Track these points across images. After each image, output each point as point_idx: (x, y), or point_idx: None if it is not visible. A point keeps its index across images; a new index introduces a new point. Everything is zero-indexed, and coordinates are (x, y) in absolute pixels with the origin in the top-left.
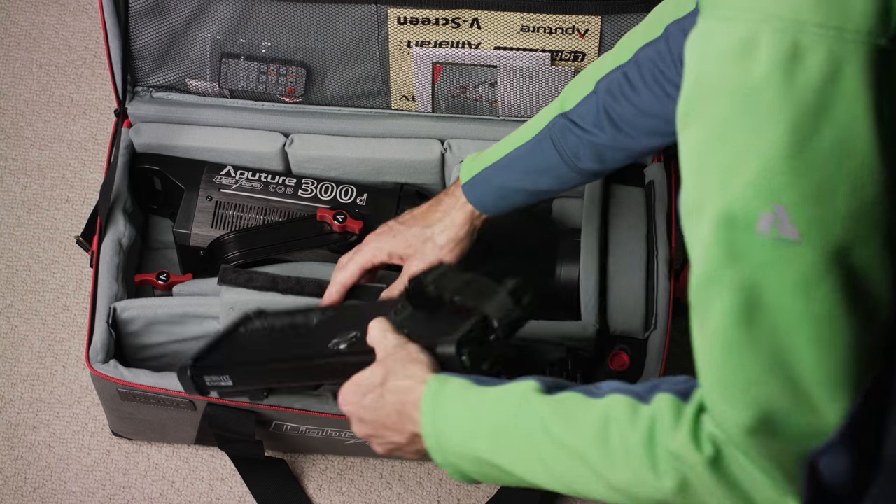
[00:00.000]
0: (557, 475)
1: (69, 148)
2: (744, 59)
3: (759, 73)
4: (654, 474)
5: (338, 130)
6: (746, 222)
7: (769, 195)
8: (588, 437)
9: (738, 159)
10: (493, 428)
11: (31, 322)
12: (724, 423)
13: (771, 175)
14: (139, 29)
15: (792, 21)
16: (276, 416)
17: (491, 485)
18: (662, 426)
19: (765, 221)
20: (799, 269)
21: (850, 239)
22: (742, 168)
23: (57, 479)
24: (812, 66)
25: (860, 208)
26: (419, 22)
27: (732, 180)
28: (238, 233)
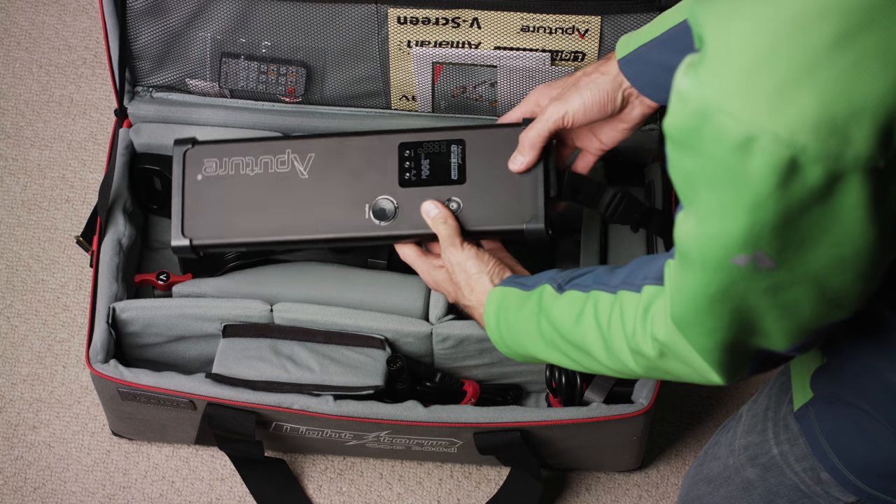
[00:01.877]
0: (575, 362)
1: (69, 148)
2: (739, 153)
3: (754, 172)
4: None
5: (338, 130)
6: (724, 253)
7: (750, 247)
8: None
9: (721, 212)
10: (528, 335)
11: (31, 322)
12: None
13: (756, 236)
14: (139, 29)
15: (789, 143)
16: (276, 416)
17: (490, 485)
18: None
19: (741, 259)
20: (771, 282)
21: (827, 272)
22: (725, 220)
23: (57, 479)
24: (808, 179)
25: (839, 258)
26: (419, 22)
27: (715, 223)
28: None
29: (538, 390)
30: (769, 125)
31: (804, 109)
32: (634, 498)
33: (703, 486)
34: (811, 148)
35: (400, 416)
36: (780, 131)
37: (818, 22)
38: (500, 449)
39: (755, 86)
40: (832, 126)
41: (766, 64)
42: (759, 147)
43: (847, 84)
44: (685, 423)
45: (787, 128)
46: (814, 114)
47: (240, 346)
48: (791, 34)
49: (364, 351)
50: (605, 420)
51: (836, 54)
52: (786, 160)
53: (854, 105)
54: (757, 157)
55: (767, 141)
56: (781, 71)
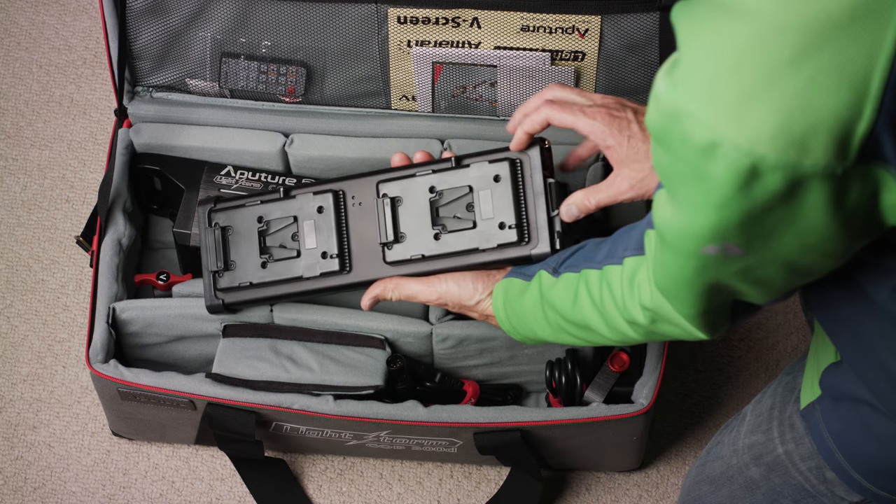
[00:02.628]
0: (583, 340)
1: (69, 148)
2: (704, 157)
3: (717, 175)
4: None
5: (338, 130)
6: (695, 243)
7: (718, 239)
8: (581, 311)
9: (690, 205)
10: (536, 322)
11: (31, 322)
12: (671, 297)
13: (722, 231)
14: (139, 28)
15: (748, 152)
16: (276, 416)
17: (490, 485)
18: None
19: (711, 249)
20: (742, 265)
21: (795, 255)
22: (694, 212)
23: (57, 479)
24: (769, 184)
25: (805, 245)
26: (419, 21)
27: (685, 212)
28: None
29: (538, 390)
30: (731, 134)
31: (763, 121)
32: (634, 498)
33: (706, 485)
34: (770, 158)
35: (400, 416)
36: (740, 141)
37: (777, 39)
38: (500, 449)
39: (719, 95)
40: (790, 138)
41: (730, 75)
42: (721, 153)
43: (803, 99)
44: (685, 423)
45: (747, 138)
46: (772, 126)
47: (240, 346)
48: (753, 49)
49: (364, 351)
50: (605, 420)
51: (793, 71)
52: (746, 167)
53: (810, 119)
54: (720, 161)
55: (729, 148)
56: (743, 83)
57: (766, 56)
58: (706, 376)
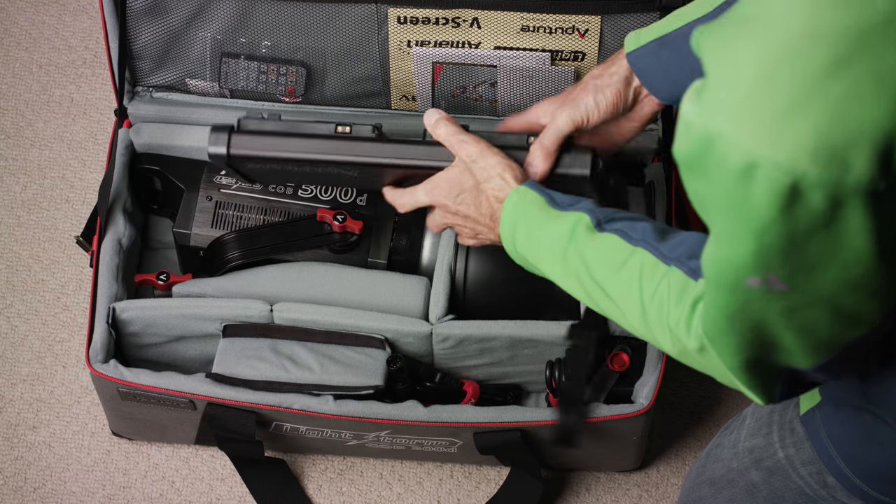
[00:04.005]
0: (595, 303)
1: (69, 148)
2: (743, 180)
3: (758, 198)
4: (661, 334)
5: None
6: (735, 276)
7: (761, 269)
8: (616, 285)
9: (730, 235)
10: (550, 255)
11: (31, 322)
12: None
13: (764, 259)
14: (139, 29)
15: (789, 170)
16: (276, 416)
17: (490, 485)
18: (669, 300)
19: (754, 281)
20: (786, 304)
21: (839, 294)
22: (734, 243)
23: (57, 479)
24: (811, 205)
25: (849, 279)
26: (419, 21)
27: (726, 246)
28: (238, 233)
29: (538, 390)
30: (769, 153)
31: (802, 137)
32: (634, 498)
33: (706, 487)
34: (811, 174)
35: (400, 416)
36: (780, 158)
37: (811, 48)
38: (500, 449)
39: (754, 113)
40: (831, 152)
41: (763, 91)
42: (760, 174)
43: (843, 111)
44: (685, 423)
45: (786, 155)
46: (812, 141)
47: (240, 346)
48: (786, 60)
49: (364, 351)
50: (605, 420)
51: (829, 81)
52: (787, 186)
53: (851, 131)
54: (759, 183)
55: (768, 168)
56: (779, 98)
57: (800, 67)
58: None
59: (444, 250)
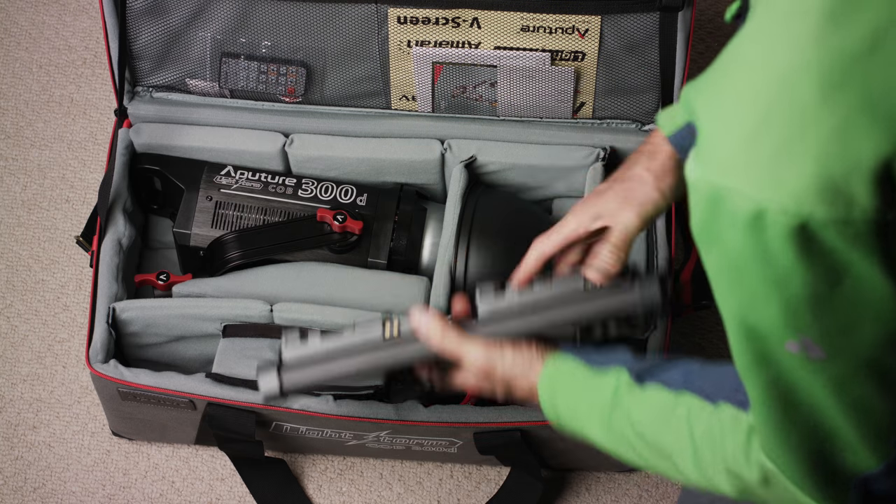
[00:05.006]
0: (647, 463)
1: (69, 148)
2: (754, 230)
3: (773, 246)
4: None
5: (338, 130)
6: (775, 343)
7: (794, 330)
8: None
9: (756, 301)
10: (594, 419)
11: (31, 322)
12: (776, 460)
13: (794, 316)
14: (139, 29)
15: (796, 214)
16: (276, 416)
17: (490, 485)
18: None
19: (792, 346)
20: (829, 376)
21: (879, 353)
22: (761, 309)
23: (57, 479)
24: (826, 244)
25: (888, 334)
26: (419, 21)
27: (754, 315)
28: (238, 233)
29: None
30: (774, 196)
31: (803, 175)
32: (634, 498)
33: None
34: (818, 213)
35: (400, 416)
36: (784, 201)
37: (798, 82)
38: (500, 449)
39: (753, 159)
40: (833, 188)
41: (758, 135)
42: (770, 220)
43: (838, 142)
44: None
45: (790, 197)
46: (813, 178)
47: (240, 347)
48: (775, 99)
49: None
50: None
51: (822, 113)
52: (797, 229)
53: (849, 163)
54: (770, 230)
55: (776, 213)
56: (774, 139)
57: (791, 103)
58: None
59: (444, 250)
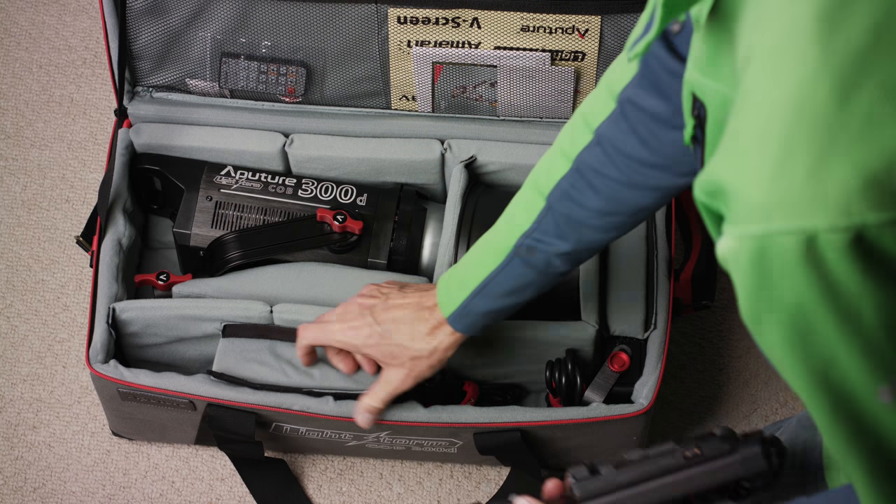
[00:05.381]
0: None
1: (69, 148)
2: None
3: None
4: None
5: (338, 130)
6: (865, 399)
7: (883, 375)
8: None
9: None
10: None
11: (31, 322)
12: None
13: (877, 354)
14: (139, 28)
15: (847, 227)
16: (276, 417)
17: (490, 485)
18: None
19: (885, 395)
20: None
21: None
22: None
23: (57, 479)
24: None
25: None
26: (419, 21)
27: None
28: (238, 233)
29: (538, 390)
30: (821, 217)
31: (844, 183)
32: None
33: None
34: (871, 218)
35: (400, 416)
36: (833, 218)
37: (815, 90)
38: (500, 449)
39: (787, 189)
40: (879, 187)
41: (787, 160)
42: (823, 244)
43: (870, 138)
44: (685, 423)
45: (837, 211)
46: (855, 183)
47: (239, 348)
48: (794, 114)
49: None
50: (605, 420)
51: (845, 114)
52: (854, 242)
53: (887, 154)
54: (828, 255)
55: (827, 233)
56: (804, 157)
57: (811, 112)
58: (706, 376)
59: (444, 250)
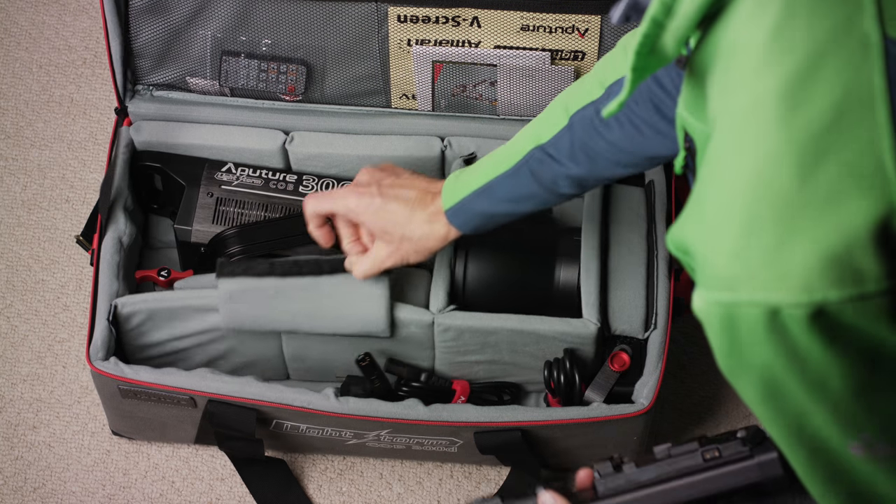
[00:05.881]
0: None
1: (69, 148)
2: (776, 334)
3: (800, 343)
4: None
5: (338, 129)
6: (839, 450)
7: (852, 432)
8: None
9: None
10: None
11: (31, 322)
12: None
13: (846, 416)
14: (140, 27)
15: (809, 304)
16: (277, 413)
17: (490, 485)
18: None
19: (857, 449)
20: None
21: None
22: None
23: (57, 479)
24: (847, 327)
25: None
26: (419, 20)
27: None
28: (239, 229)
29: (538, 390)
30: (782, 292)
31: (805, 261)
32: None
33: None
34: (832, 296)
35: (401, 414)
36: (794, 293)
37: (773, 171)
38: (501, 449)
39: (750, 262)
40: (839, 266)
41: (750, 234)
42: (786, 317)
43: (831, 217)
44: (685, 423)
45: (799, 287)
46: (816, 261)
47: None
48: (757, 190)
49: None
50: (605, 420)
51: (807, 192)
52: (815, 317)
53: (848, 234)
54: (791, 328)
55: (789, 307)
56: (767, 232)
57: (774, 188)
58: (706, 376)
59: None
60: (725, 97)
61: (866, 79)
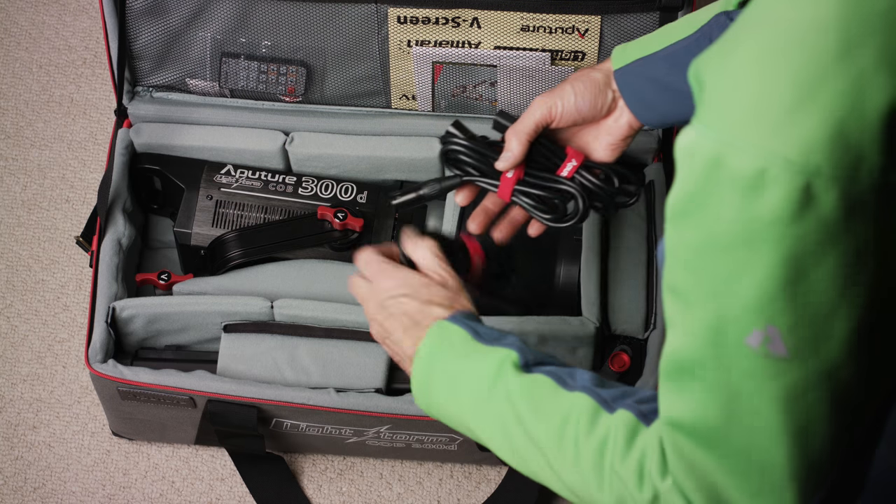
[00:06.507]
0: (519, 457)
1: (69, 148)
2: (752, 192)
3: (767, 210)
4: (598, 486)
5: (338, 130)
6: (736, 334)
7: (763, 317)
8: (547, 430)
9: (732, 278)
10: (470, 396)
11: (31, 322)
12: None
13: (766, 300)
14: (139, 28)
15: (802, 166)
16: (277, 411)
17: (490, 485)
18: (615, 445)
19: (755, 338)
20: (783, 384)
21: (842, 358)
22: (736, 287)
23: (57, 479)
24: (824, 208)
25: (857, 329)
26: (419, 21)
27: (726, 296)
28: (239, 231)
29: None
30: (780, 149)
31: (814, 128)
32: None
33: None
34: (825, 168)
35: (401, 409)
36: (791, 155)
37: (818, 37)
38: None
39: (764, 112)
40: (844, 142)
41: (774, 87)
42: (770, 178)
43: (854, 96)
44: None
45: (798, 150)
46: (824, 131)
47: (239, 348)
48: (793, 52)
49: (365, 349)
50: None
51: (839, 68)
52: (799, 189)
53: (863, 116)
54: (769, 191)
55: (779, 169)
56: (790, 91)
57: (808, 57)
58: None
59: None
60: None
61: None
